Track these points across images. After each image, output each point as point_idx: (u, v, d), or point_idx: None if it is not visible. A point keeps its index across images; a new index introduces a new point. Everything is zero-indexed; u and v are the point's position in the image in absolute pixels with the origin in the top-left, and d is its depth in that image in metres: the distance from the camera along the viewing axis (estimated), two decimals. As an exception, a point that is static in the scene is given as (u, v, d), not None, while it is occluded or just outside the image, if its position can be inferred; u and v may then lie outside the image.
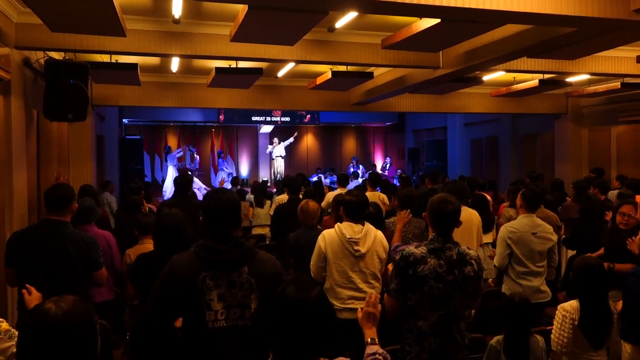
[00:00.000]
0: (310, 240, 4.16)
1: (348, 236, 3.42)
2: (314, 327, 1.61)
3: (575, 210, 5.97)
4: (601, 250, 4.36)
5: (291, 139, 16.85)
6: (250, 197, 8.53)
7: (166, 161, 15.54)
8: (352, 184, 9.83)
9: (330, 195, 6.68)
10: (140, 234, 4.00)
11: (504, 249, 4.13)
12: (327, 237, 3.51)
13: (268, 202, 7.88)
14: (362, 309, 2.30)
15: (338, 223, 3.55)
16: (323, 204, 6.55)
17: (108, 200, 8.11)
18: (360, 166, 17.01)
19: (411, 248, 2.65)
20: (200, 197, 9.25)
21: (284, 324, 1.61)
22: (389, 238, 3.88)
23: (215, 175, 16.31)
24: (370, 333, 2.24)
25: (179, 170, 15.30)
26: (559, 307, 3.09)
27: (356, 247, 3.42)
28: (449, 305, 2.59)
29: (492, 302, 4.10)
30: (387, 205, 6.45)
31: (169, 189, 13.70)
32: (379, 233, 3.58)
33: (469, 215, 4.73)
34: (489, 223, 5.32)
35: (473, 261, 2.65)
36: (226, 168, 16.22)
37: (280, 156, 16.65)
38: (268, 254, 2.38)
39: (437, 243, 2.63)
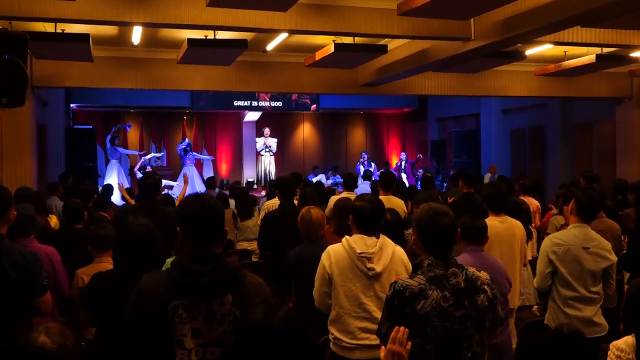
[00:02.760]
0: (316, 257, 4.17)
1: (359, 251, 3.42)
2: (282, 357, 1.75)
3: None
4: None
5: (274, 144, 16.80)
6: (232, 202, 8.54)
7: (114, 148, 15.18)
8: (361, 187, 9.82)
9: (333, 201, 6.68)
10: (95, 250, 4.01)
11: (546, 267, 4.11)
12: (333, 253, 3.50)
13: (256, 210, 7.88)
14: (384, 347, 2.24)
15: (347, 236, 3.54)
16: (326, 210, 6.58)
17: (57, 207, 8.11)
18: (372, 164, 17.01)
19: (406, 279, 2.61)
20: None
21: (248, 354, 1.75)
22: (410, 254, 3.89)
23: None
24: None
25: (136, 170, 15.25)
26: (611, 345, 3.09)
27: (370, 265, 3.40)
28: (463, 349, 2.53)
29: (537, 335, 4.10)
30: (406, 213, 6.47)
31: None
32: (398, 248, 3.57)
33: (511, 226, 4.72)
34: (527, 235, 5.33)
35: (486, 286, 2.61)
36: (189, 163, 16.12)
37: (270, 152, 16.64)
38: (258, 279, 2.38)
39: (437, 269, 2.58)
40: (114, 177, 14.59)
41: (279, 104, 16.54)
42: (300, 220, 4.34)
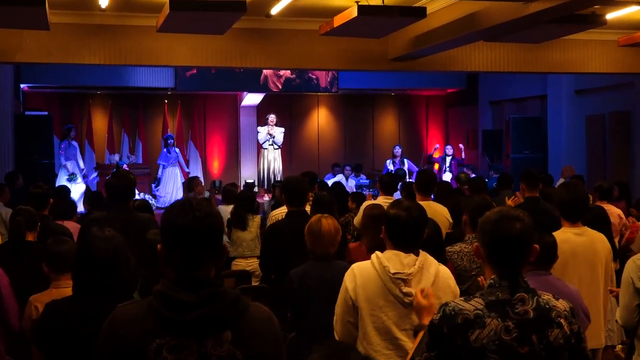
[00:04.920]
0: (325, 280, 4.20)
1: (393, 271, 3.43)
2: None
3: None
4: None
5: (280, 134, 16.77)
6: (226, 209, 8.58)
7: (60, 149, 15.34)
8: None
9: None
10: (53, 271, 4.04)
11: (631, 298, 4.09)
12: (359, 273, 3.51)
13: (256, 219, 7.92)
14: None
15: (377, 252, 3.55)
16: (356, 220, 6.59)
17: (3, 215, 8.19)
18: (407, 161, 16.93)
19: (459, 302, 2.61)
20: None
21: None
22: (455, 277, 3.90)
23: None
24: None
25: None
26: None
27: (406, 289, 3.41)
28: None
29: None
30: (450, 224, 6.48)
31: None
32: (443, 268, 3.59)
33: (591, 240, 4.71)
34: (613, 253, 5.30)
35: (562, 320, 2.59)
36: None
37: (275, 144, 16.64)
38: (265, 309, 2.37)
39: (501, 292, 2.57)
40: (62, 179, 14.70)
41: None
42: (306, 232, 4.38)
